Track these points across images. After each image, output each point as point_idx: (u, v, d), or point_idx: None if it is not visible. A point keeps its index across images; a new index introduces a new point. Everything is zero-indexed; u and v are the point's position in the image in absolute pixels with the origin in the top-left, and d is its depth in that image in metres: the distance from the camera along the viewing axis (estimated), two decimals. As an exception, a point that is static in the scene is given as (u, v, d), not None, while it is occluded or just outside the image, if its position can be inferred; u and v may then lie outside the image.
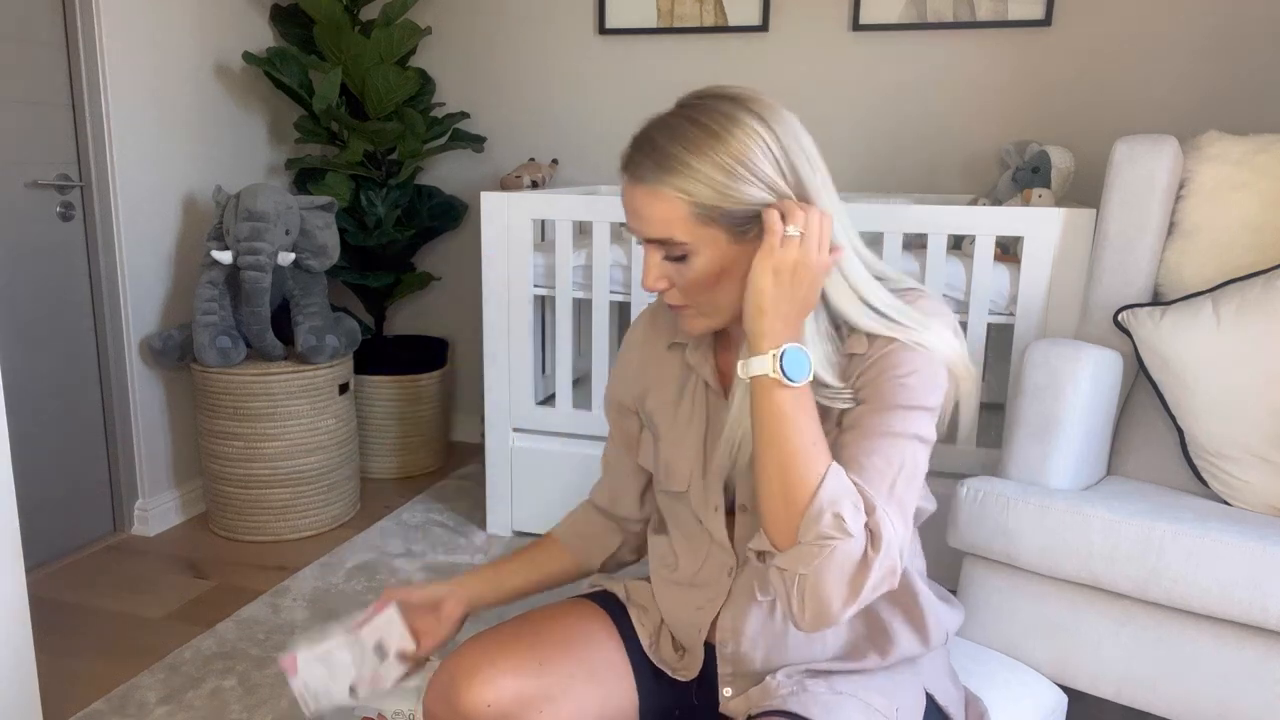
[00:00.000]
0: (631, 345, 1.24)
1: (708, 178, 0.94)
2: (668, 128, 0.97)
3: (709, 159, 0.94)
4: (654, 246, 1.00)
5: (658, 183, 0.96)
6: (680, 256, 0.98)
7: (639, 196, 0.98)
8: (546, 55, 3.14)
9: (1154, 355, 1.78)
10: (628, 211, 1.00)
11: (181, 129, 2.74)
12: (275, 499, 2.62)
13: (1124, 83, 2.64)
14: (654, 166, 0.96)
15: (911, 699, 1.08)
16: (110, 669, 1.98)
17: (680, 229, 0.96)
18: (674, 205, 0.96)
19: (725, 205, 0.95)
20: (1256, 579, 1.39)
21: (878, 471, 0.95)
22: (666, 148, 0.96)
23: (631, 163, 0.98)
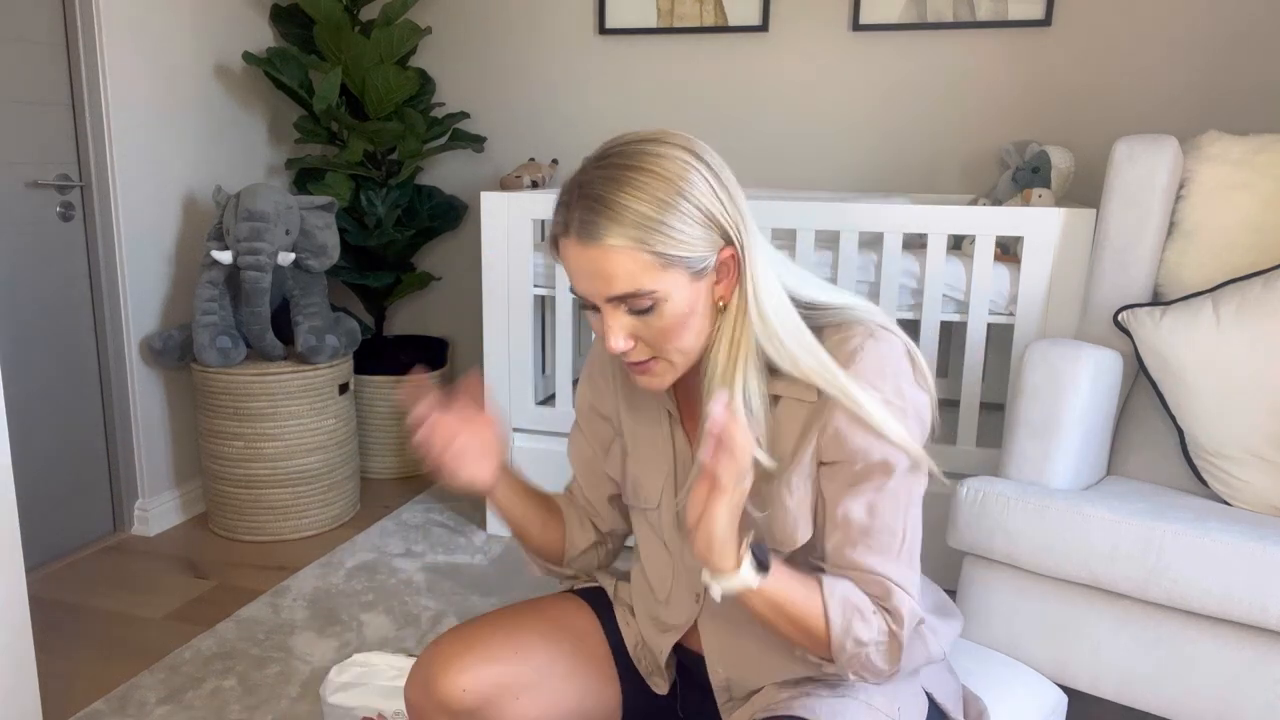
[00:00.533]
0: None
1: (663, 223, 0.92)
2: (615, 183, 0.93)
3: (670, 210, 0.92)
4: (614, 305, 0.96)
5: (616, 239, 0.91)
6: (648, 308, 0.95)
7: (596, 257, 0.93)
8: (546, 55, 3.14)
9: (1154, 355, 1.78)
10: (580, 275, 0.95)
11: (181, 129, 2.74)
12: (275, 499, 2.62)
13: (1124, 83, 2.64)
14: (609, 224, 0.91)
15: (912, 699, 1.08)
16: (110, 669, 1.98)
17: (647, 279, 0.93)
18: (635, 258, 0.92)
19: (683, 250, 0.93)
20: (1256, 579, 1.39)
21: (884, 548, 0.99)
22: (621, 203, 0.91)
23: (578, 224, 0.93)
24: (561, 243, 0.96)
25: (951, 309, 2.25)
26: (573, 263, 0.96)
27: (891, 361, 0.99)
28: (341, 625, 2.15)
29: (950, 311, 2.25)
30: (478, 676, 1.08)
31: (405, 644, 2.07)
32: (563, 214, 0.96)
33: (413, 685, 1.11)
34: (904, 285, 2.26)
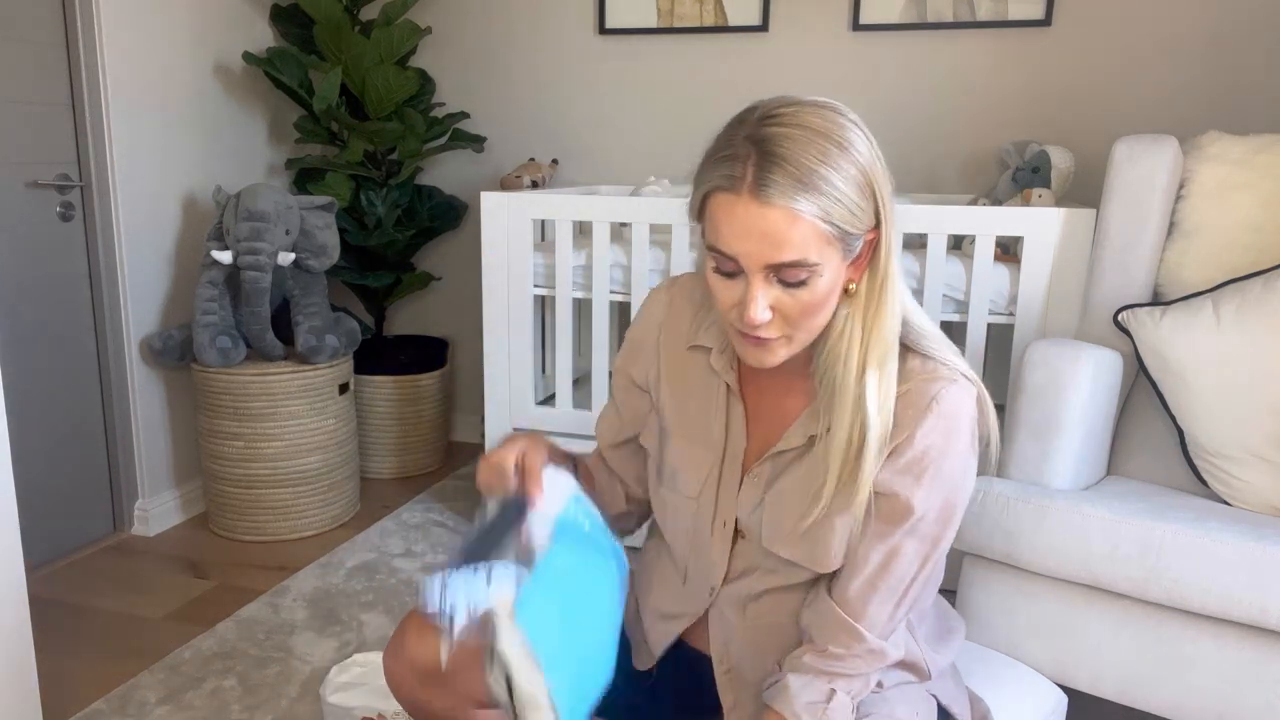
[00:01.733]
0: (650, 327, 1.16)
1: (846, 196, 0.89)
2: (795, 140, 0.88)
3: (846, 175, 0.89)
4: (769, 272, 0.91)
5: (797, 201, 0.87)
6: (802, 281, 0.91)
7: (776, 219, 0.87)
8: (546, 55, 3.13)
9: (1154, 355, 1.78)
10: (746, 235, 0.89)
11: (181, 129, 2.74)
12: (275, 499, 2.61)
13: (1124, 83, 2.64)
14: (792, 183, 0.87)
15: (926, 706, 1.09)
16: (110, 669, 1.97)
17: (815, 250, 0.89)
18: (812, 226, 0.88)
19: (849, 225, 0.90)
20: (1256, 579, 1.39)
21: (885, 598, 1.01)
22: (803, 161, 0.87)
23: (759, 180, 0.87)
24: (724, 198, 0.90)
25: (951, 309, 2.25)
26: (739, 222, 0.89)
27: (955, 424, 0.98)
28: (341, 625, 2.15)
29: (950, 311, 2.25)
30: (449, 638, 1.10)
31: (405, 644, 2.07)
32: (731, 168, 0.89)
33: (389, 650, 1.14)
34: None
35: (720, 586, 1.11)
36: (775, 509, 1.04)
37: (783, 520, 1.04)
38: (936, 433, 0.96)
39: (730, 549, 1.10)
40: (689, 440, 1.12)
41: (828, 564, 1.03)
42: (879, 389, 0.96)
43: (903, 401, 0.97)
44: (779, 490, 1.04)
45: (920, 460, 0.97)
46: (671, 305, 1.15)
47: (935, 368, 0.99)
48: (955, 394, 0.97)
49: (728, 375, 1.09)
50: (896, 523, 0.99)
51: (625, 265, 2.45)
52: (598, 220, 2.42)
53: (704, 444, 1.11)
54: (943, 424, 0.96)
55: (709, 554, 1.11)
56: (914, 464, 0.97)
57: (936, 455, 0.97)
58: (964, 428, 0.98)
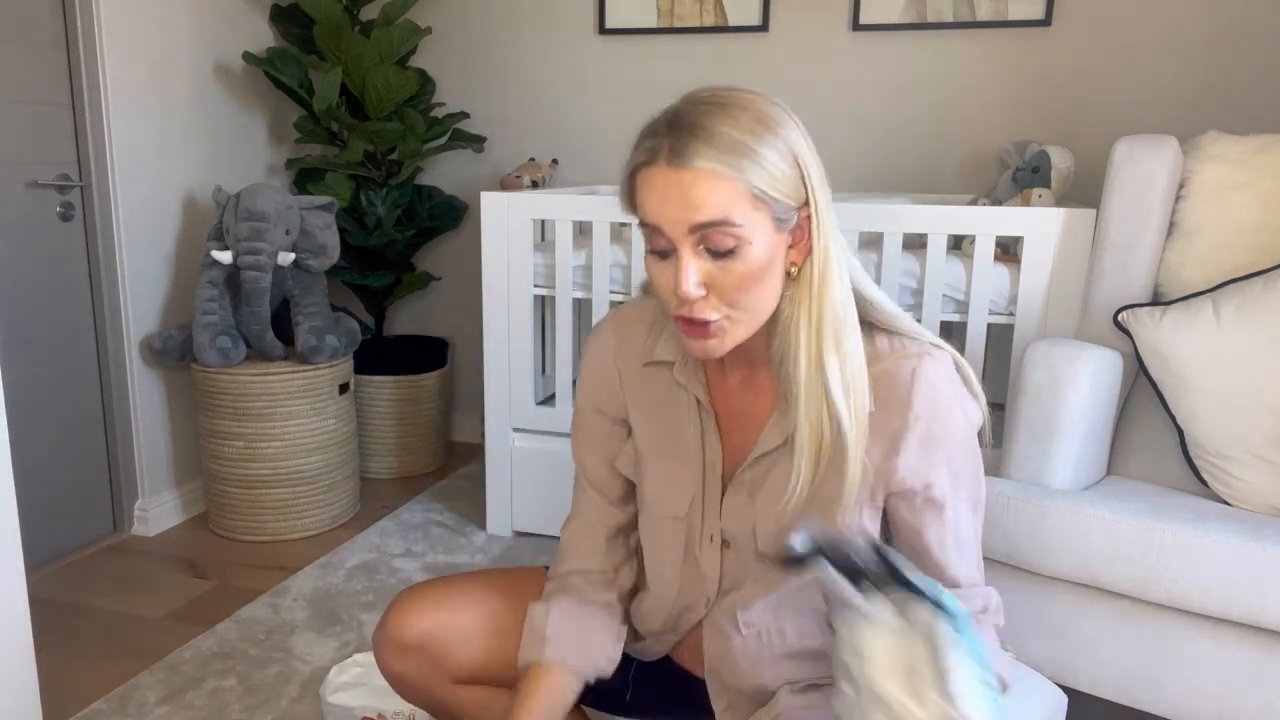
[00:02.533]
0: (603, 354, 1.15)
1: (765, 159, 0.89)
2: (710, 113, 0.90)
3: (765, 141, 0.89)
4: (694, 241, 0.90)
5: (711, 161, 0.87)
6: (729, 250, 0.89)
7: (687, 181, 0.88)
8: (546, 55, 3.13)
9: (1154, 355, 1.78)
10: (665, 202, 0.89)
11: (181, 129, 2.74)
12: (275, 499, 2.62)
13: (1124, 83, 2.64)
14: (705, 146, 0.87)
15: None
16: (110, 669, 1.97)
17: (737, 210, 0.88)
18: (730, 185, 0.88)
19: (775, 191, 0.90)
20: (1256, 579, 1.39)
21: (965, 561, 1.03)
22: (717, 128, 0.88)
23: (674, 147, 0.88)
24: (645, 173, 0.91)
25: (951, 309, 2.25)
26: (659, 190, 0.90)
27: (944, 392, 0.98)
28: (341, 625, 2.15)
29: (950, 311, 2.25)
30: (427, 617, 1.17)
31: (405, 644, 2.07)
32: (650, 142, 0.91)
33: (377, 626, 1.21)
34: (904, 285, 2.26)
35: (715, 598, 1.11)
36: (766, 510, 1.03)
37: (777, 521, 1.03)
38: (928, 408, 0.96)
39: (720, 561, 1.09)
40: (667, 459, 1.10)
41: None
42: (841, 372, 0.94)
43: (881, 383, 0.96)
44: (768, 491, 1.03)
45: (926, 441, 0.97)
46: (617, 332, 1.14)
47: (904, 343, 0.99)
48: (932, 366, 0.97)
49: (695, 387, 1.07)
50: (940, 509, 1.00)
51: (625, 265, 2.45)
52: (598, 220, 2.42)
53: (682, 461, 1.09)
54: (930, 398, 0.96)
55: (700, 569, 1.10)
56: (923, 447, 0.97)
57: (939, 429, 0.97)
58: (953, 391, 0.99)
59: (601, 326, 1.17)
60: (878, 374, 0.97)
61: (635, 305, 1.16)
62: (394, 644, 1.18)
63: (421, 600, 1.19)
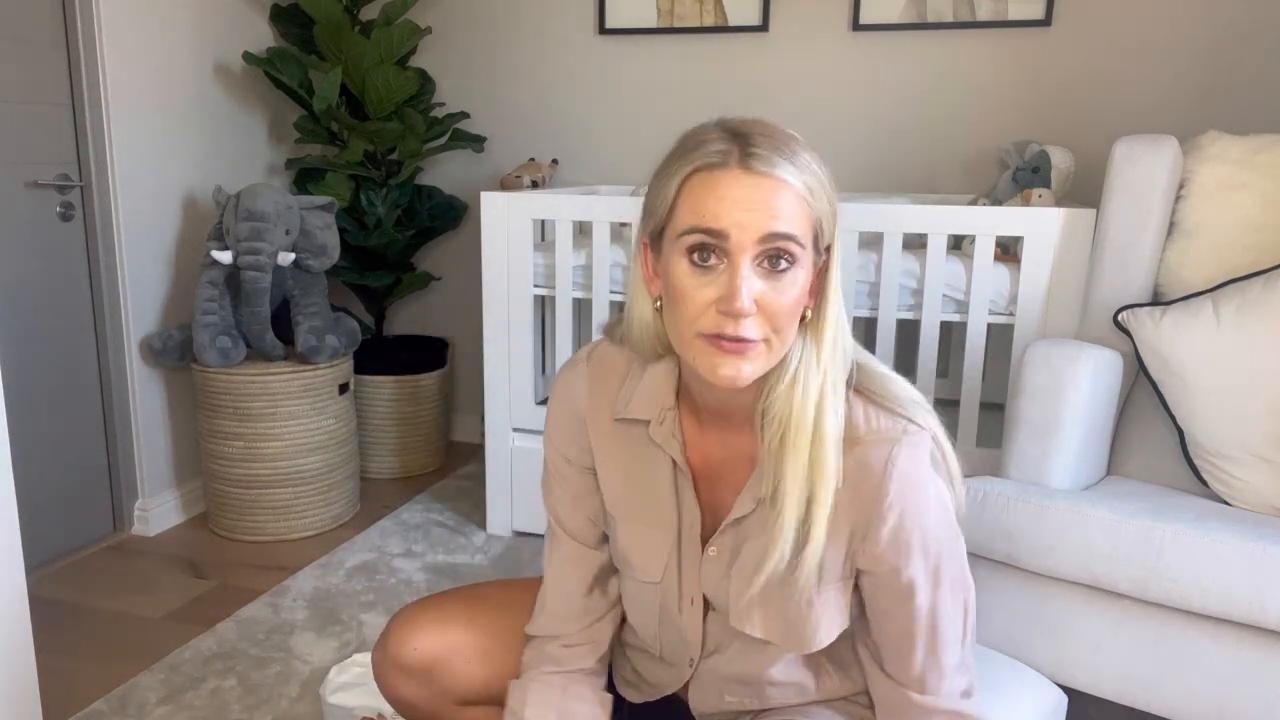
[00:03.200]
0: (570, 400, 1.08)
1: (823, 186, 0.88)
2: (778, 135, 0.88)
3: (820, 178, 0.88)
4: (755, 254, 0.85)
5: (792, 176, 0.85)
6: (786, 268, 0.86)
7: (769, 188, 0.84)
8: (546, 55, 3.14)
9: (1154, 355, 1.78)
10: (739, 205, 0.84)
11: (181, 129, 2.74)
12: (275, 499, 2.61)
13: (1124, 83, 2.64)
14: (780, 158, 0.85)
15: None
16: (110, 669, 1.97)
17: (802, 229, 0.86)
18: (804, 204, 0.86)
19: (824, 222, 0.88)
20: (1256, 579, 1.38)
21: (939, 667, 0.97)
22: (791, 148, 0.87)
23: (752, 154, 0.85)
24: (712, 175, 0.86)
25: (951, 309, 2.25)
26: (731, 191, 0.84)
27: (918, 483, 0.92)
28: (341, 625, 2.15)
29: (950, 311, 2.25)
30: (429, 638, 1.15)
31: (405, 644, 2.06)
32: (712, 147, 0.86)
33: (375, 647, 1.19)
34: (904, 285, 2.26)
35: (699, 659, 1.08)
36: (740, 584, 0.98)
37: (748, 595, 0.97)
38: (902, 498, 0.91)
39: (703, 623, 1.05)
40: (639, 523, 1.05)
41: (803, 644, 0.98)
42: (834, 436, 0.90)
43: (855, 464, 0.91)
44: (741, 564, 0.98)
45: (900, 531, 0.92)
46: (591, 378, 1.07)
47: (882, 422, 0.93)
48: (908, 452, 0.91)
49: (671, 447, 1.00)
50: (910, 597, 0.94)
51: (625, 265, 2.45)
52: (598, 220, 2.42)
53: (655, 525, 1.04)
54: (906, 488, 0.91)
55: (682, 632, 1.07)
56: (895, 537, 0.92)
57: (914, 519, 0.92)
58: (928, 479, 0.93)
59: (575, 367, 1.08)
60: (853, 454, 0.92)
61: (610, 349, 1.07)
62: (395, 667, 1.15)
63: (421, 620, 1.16)
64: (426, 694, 1.16)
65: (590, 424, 1.07)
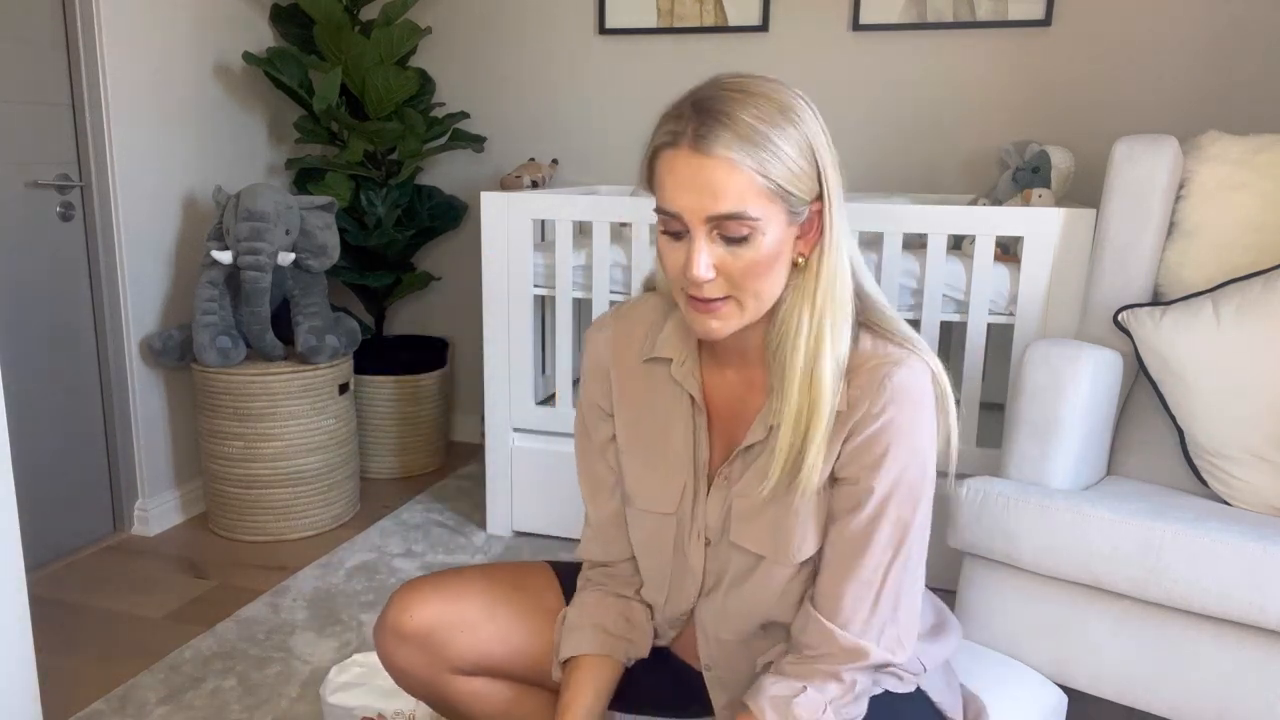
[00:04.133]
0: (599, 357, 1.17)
1: (784, 153, 0.91)
2: (734, 100, 0.91)
3: (785, 134, 0.92)
4: (710, 228, 0.93)
5: (732, 152, 0.90)
6: (742, 237, 0.92)
7: (710, 168, 0.90)
8: (546, 55, 3.13)
9: (1154, 355, 1.78)
10: (685, 188, 0.92)
11: (181, 129, 2.74)
12: (275, 499, 2.61)
13: (1124, 83, 2.64)
14: (732, 137, 0.90)
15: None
16: (110, 669, 1.97)
17: (753, 203, 0.91)
18: (748, 177, 0.90)
19: (791, 186, 0.92)
20: (1256, 579, 1.38)
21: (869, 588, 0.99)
22: (743, 119, 0.90)
23: (692, 134, 0.91)
24: (666, 154, 0.93)
25: (951, 309, 2.25)
26: (679, 174, 0.92)
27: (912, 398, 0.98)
28: (341, 625, 2.15)
29: (950, 311, 2.25)
30: (426, 607, 1.18)
31: (405, 644, 2.07)
32: (673, 125, 0.93)
33: (377, 620, 1.22)
34: (904, 285, 2.26)
35: (698, 597, 1.13)
36: (741, 503, 1.05)
37: (747, 512, 1.05)
38: (890, 411, 0.96)
39: (704, 558, 1.11)
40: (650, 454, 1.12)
41: (788, 555, 1.03)
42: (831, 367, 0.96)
43: (855, 381, 0.98)
44: (744, 483, 1.05)
45: (876, 440, 0.97)
46: (616, 329, 1.16)
47: (888, 349, 1.00)
48: (907, 373, 0.98)
49: (690, 385, 1.08)
50: (856, 508, 0.99)
51: (625, 265, 2.45)
52: (598, 220, 2.42)
53: (668, 459, 1.11)
54: (898, 402, 0.96)
55: (688, 563, 1.12)
56: (870, 444, 0.97)
57: (893, 434, 0.97)
58: (920, 405, 0.98)
59: (601, 329, 1.18)
60: (857, 377, 0.98)
61: (636, 302, 1.18)
62: (393, 633, 1.19)
63: (421, 590, 1.20)
64: (422, 662, 1.19)
65: (615, 371, 1.15)
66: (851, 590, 0.99)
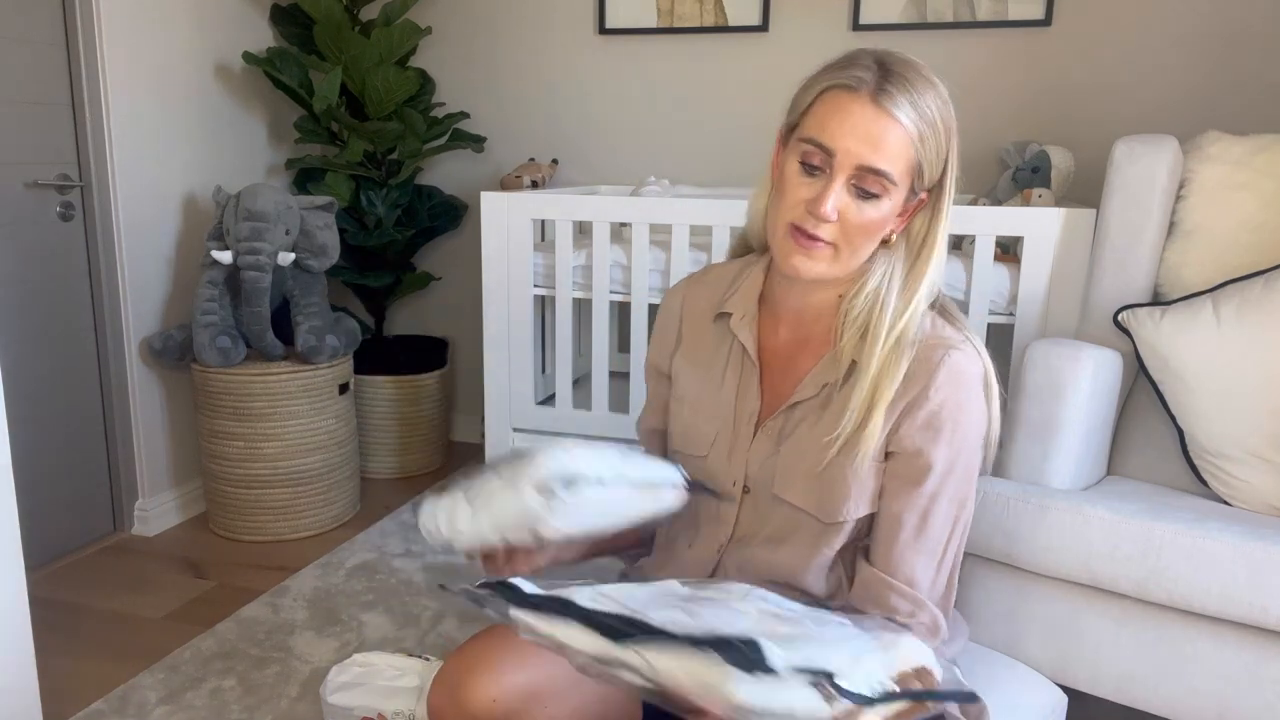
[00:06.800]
0: (671, 310, 1.25)
1: (937, 137, 1.00)
2: (920, 79, 0.99)
3: (941, 129, 1.00)
4: (853, 177, 0.99)
5: (906, 118, 0.97)
6: (874, 195, 0.99)
7: (885, 124, 0.97)
8: (546, 55, 3.13)
9: (1154, 355, 1.78)
10: (853, 133, 0.97)
11: (181, 129, 2.74)
12: (275, 499, 2.62)
13: (1124, 83, 2.64)
14: (907, 102, 0.97)
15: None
16: (110, 669, 1.98)
17: (900, 169, 0.98)
18: (908, 148, 0.98)
19: (928, 168, 1.00)
20: (1256, 579, 1.39)
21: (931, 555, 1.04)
22: (919, 88, 0.98)
23: (885, 88, 0.97)
24: (842, 95, 0.98)
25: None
26: (854, 117, 0.97)
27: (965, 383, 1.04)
28: (341, 625, 2.15)
29: (950, 311, 2.25)
30: (506, 685, 1.05)
31: (405, 644, 2.07)
32: (857, 71, 0.98)
33: (438, 693, 1.07)
34: (904, 285, 2.26)
35: (726, 544, 1.15)
36: (789, 457, 1.09)
37: (795, 467, 1.08)
38: (948, 389, 1.02)
39: (738, 508, 1.14)
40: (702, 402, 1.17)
41: (835, 514, 1.06)
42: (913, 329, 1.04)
43: (917, 360, 1.03)
44: (795, 439, 1.09)
45: (937, 416, 1.02)
46: (689, 288, 1.23)
47: (947, 331, 1.06)
48: (963, 358, 1.04)
49: (746, 337, 1.14)
50: (920, 481, 1.03)
51: (625, 265, 2.45)
52: (598, 220, 2.42)
53: (715, 404, 1.16)
54: (954, 382, 1.02)
55: (719, 513, 1.15)
56: (931, 420, 1.02)
57: (952, 411, 1.02)
58: (974, 387, 1.04)
59: (676, 290, 1.26)
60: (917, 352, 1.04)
61: (719, 266, 1.24)
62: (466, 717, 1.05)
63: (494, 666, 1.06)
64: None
65: (685, 326, 1.22)
66: (923, 561, 1.04)
